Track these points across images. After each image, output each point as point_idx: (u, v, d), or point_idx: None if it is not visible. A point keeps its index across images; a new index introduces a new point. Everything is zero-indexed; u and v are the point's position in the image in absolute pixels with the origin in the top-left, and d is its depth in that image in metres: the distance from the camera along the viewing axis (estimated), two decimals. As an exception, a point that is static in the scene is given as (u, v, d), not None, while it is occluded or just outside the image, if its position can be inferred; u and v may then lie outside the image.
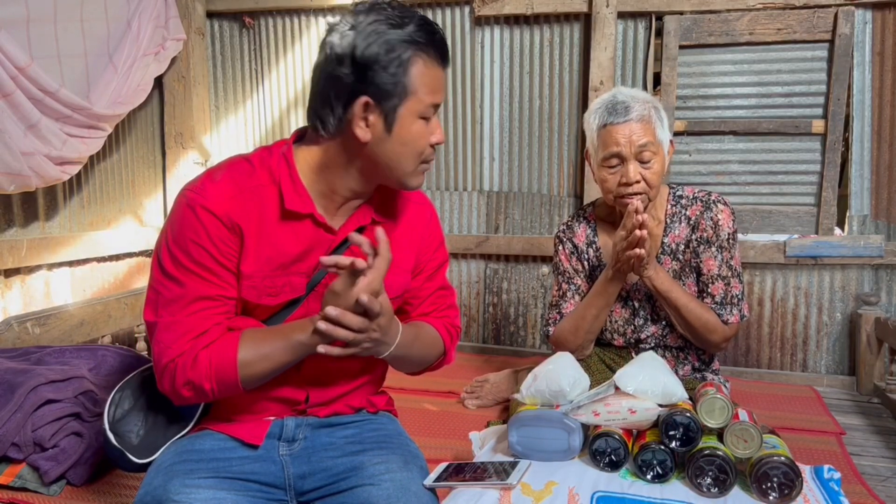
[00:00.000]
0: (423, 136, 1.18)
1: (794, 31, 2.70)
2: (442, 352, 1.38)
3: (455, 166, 3.14)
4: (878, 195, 2.70)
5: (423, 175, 1.23)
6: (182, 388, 1.13)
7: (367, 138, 1.16)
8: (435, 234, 1.39)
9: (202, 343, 1.13)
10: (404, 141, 1.17)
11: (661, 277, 1.76)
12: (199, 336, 1.13)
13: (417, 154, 1.19)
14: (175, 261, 1.14)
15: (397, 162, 1.18)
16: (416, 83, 1.14)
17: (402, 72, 1.13)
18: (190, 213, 1.13)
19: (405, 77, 1.13)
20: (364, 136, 1.15)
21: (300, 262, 1.21)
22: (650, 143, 1.71)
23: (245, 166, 1.20)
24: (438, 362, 1.40)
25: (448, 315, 1.42)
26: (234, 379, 1.13)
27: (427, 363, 1.37)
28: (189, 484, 1.11)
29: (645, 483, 1.27)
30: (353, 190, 1.22)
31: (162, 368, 1.13)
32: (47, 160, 2.29)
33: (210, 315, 1.14)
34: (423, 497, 1.17)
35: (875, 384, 2.57)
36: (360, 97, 1.13)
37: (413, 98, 1.15)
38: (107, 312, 2.60)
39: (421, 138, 1.18)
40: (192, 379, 1.12)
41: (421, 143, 1.18)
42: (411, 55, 1.13)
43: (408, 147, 1.17)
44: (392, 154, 1.17)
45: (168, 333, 1.13)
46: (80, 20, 2.47)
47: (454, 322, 1.43)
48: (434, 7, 3.06)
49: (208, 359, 1.11)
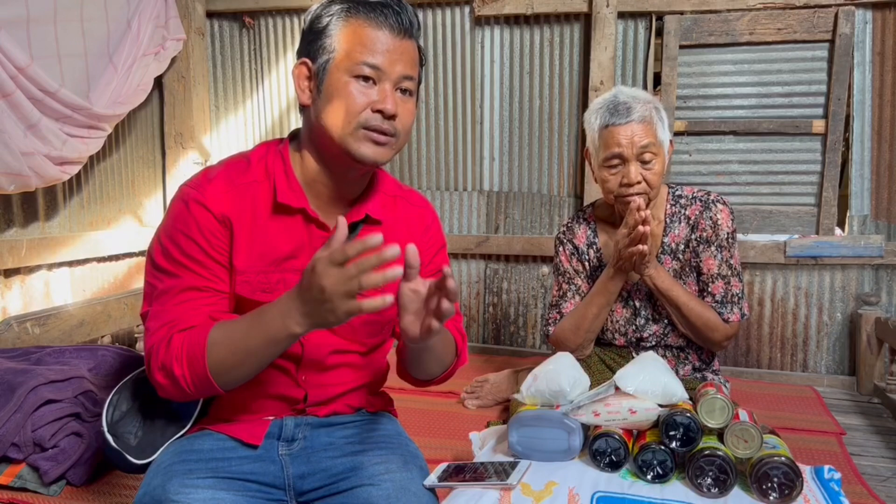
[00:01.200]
0: (357, 95, 1.13)
1: (794, 30, 2.70)
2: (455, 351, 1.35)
3: (455, 166, 3.14)
4: (879, 195, 2.70)
5: (374, 145, 1.15)
6: (157, 373, 1.11)
7: (307, 100, 1.18)
8: (436, 237, 1.37)
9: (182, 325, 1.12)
10: (331, 97, 1.14)
11: (662, 276, 1.77)
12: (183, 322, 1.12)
13: (351, 114, 1.14)
14: (166, 253, 1.15)
15: (329, 121, 1.15)
16: (347, 40, 1.14)
17: (333, 31, 1.15)
18: (183, 207, 1.15)
19: (335, 36, 1.15)
20: (304, 99, 1.18)
21: (294, 259, 1.21)
22: (651, 144, 1.71)
23: (241, 163, 1.22)
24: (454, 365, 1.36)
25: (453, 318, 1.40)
26: (203, 366, 1.07)
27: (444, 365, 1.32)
28: (188, 484, 1.10)
29: (645, 483, 1.27)
30: (325, 175, 1.21)
31: (147, 355, 1.13)
32: (47, 160, 2.29)
33: (198, 306, 1.14)
34: (422, 497, 1.16)
35: (875, 384, 2.57)
36: (299, 59, 1.19)
37: (342, 54, 1.14)
38: (106, 312, 2.60)
39: (350, 96, 1.13)
40: (164, 361, 1.09)
41: (352, 101, 1.13)
42: (342, 15, 1.15)
43: (336, 103, 1.14)
44: (323, 113, 1.15)
45: (155, 321, 1.13)
46: (80, 20, 2.47)
47: (458, 326, 1.40)
48: (434, 7, 3.06)
49: (181, 340, 1.09)
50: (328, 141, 1.17)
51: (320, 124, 1.16)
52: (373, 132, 1.15)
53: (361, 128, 1.14)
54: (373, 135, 1.15)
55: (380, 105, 1.14)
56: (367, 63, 1.14)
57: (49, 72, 2.27)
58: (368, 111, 1.14)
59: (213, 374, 1.08)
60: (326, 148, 1.19)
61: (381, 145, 1.17)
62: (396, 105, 1.16)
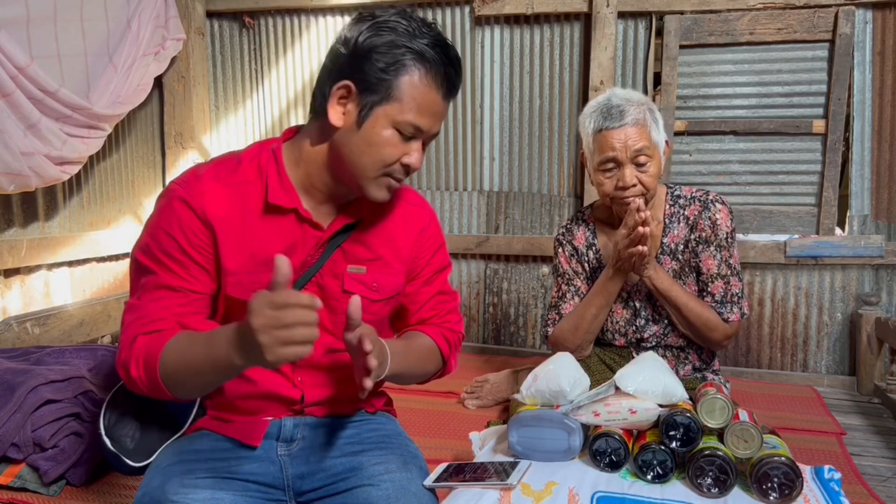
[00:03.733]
0: (393, 147, 1.14)
1: (794, 30, 2.70)
2: (440, 361, 1.35)
3: (455, 166, 3.14)
4: (879, 195, 2.70)
5: (388, 191, 1.19)
6: (119, 368, 1.12)
7: (339, 123, 1.15)
8: (433, 238, 1.36)
9: (150, 327, 1.12)
10: (370, 141, 1.14)
11: (661, 277, 1.76)
12: (152, 322, 1.12)
13: (381, 162, 1.14)
14: (146, 249, 1.16)
15: (358, 160, 1.14)
16: (404, 92, 1.12)
17: (393, 73, 1.11)
18: (167, 204, 1.16)
19: (395, 80, 1.11)
20: (336, 120, 1.14)
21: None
22: (646, 147, 1.71)
23: (231, 162, 1.21)
24: (438, 373, 1.37)
25: (448, 321, 1.38)
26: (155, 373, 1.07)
27: (425, 375, 1.33)
28: (187, 484, 1.10)
29: (645, 483, 1.27)
30: (327, 185, 1.21)
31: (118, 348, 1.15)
32: (47, 160, 2.30)
33: (169, 305, 1.14)
34: (422, 497, 1.16)
35: (875, 384, 2.56)
36: (345, 79, 1.13)
37: (395, 104, 1.12)
38: (106, 312, 2.61)
39: (389, 147, 1.14)
40: (125, 360, 1.11)
41: (388, 153, 1.14)
42: (410, 63, 1.11)
43: (372, 149, 1.13)
44: (356, 150, 1.14)
45: (128, 315, 1.14)
46: (80, 20, 2.47)
47: (454, 328, 1.39)
48: (434, 7, 3.06)
49: (142, 343, 1.10)
50: (349, 173, 1.17)
51: (347, 156, 1.15)
52: (392, 180, 1.18)
53: (385, 175, 1.17)
54: (392, 182, 1.18)
55: (408, 160, 1.16)
56: (415, 125, 1.14)
57: (49, 72, 2.27)
58: (397, 164, 1.16)
59: (165, 383, 1.08)
60: (341, 173, 1.18)
61: (392, 190, 1.20)
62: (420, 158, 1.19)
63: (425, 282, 1.36)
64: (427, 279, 1.36)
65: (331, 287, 1.24)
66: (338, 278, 1.23)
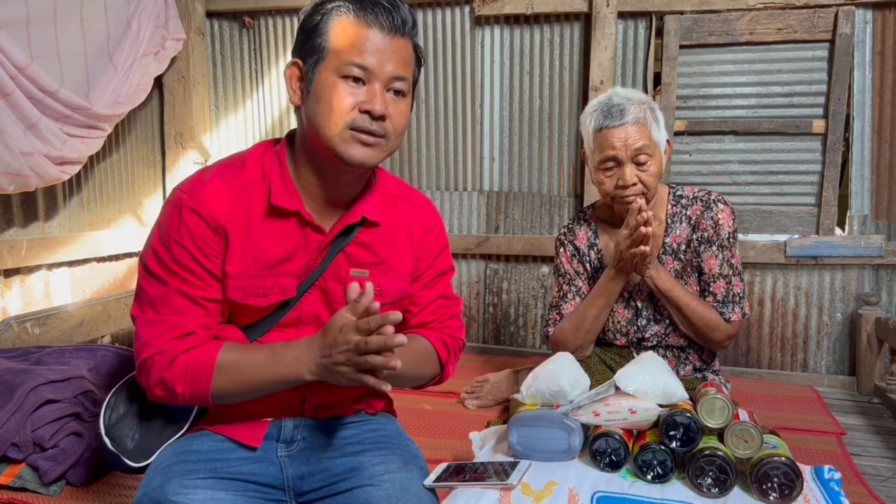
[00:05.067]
0: (344, 96, 1.11)
1: (794, 30, 2.70)
2: (438, 366, 1.33)
3: (455, 166, 3.14)
4: (879, 195, 2.70)
5: (362, 146, 1.13)
6: (155, 387, 1.13)
7: (297, 101, 1.17)
8: (437, 240, 1.34)
9: (182, 346, 1.12)
10: (319, 97, 1.12)
11: (663, 277, 1.76)
12: (178, 337, 1.13)
13: (338, 114, 1.11)
14: (158, 259, 1.15)
15: (319, 123, 1.13)
16: (336, 40, 1.12)
17: (323, 30, 1.13)
18: (175, 213, 1.14)
19: (326, 35, 1.13)
20: (295, 99, 1.17)
21: (288, 263, 1.19)
22: (646, 146, 1.71)
23: (236, 164, 1.20)
24: (436, 379, 1.35)
25: (449, 326, 1.36)
26: (205, 388, 1.11)
27: (421, 379, 1.32)
28: (187, 485, 1.10)
29: (645, 483, 1.27)
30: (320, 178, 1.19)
31: (140, 364, 1.14)
32: (47, 160, 2.29)
33: (191, 317, 1.14)
34: (423, 497, 1.16)
35: (875, 384, 2.56)
36: (291, 60, 1.17)
37: (331, 55, 1.12)
38: (106, 312, 2.60)
39: (338, 96, 1.11)
40: (165, 379, 1.11)
41: (340, 103, 1.11)
42: (334, 14, 1.13)
43: (322, 104, 1.12)
44: (312, 115, 1.14)
45: (148, 330, 1.13)
46: (80, 20, 2.47)
47: (455, 334, 1.36)
48: (434, 7, 3.06)
49: (185, 363, 1.11)
50: (317, 142, 1.15)
51: (310, 125, 1.15)
52: (360, 133, 1.13)
53: (349, 128, 1.12)
54: (360, 136, 1.12)
55: (367, 105, 1.11)
56: (354, 63, 1.11)
57: (49, 72, 2.26)
58: (356, 112, 1.12)
59: (215, 397, 1.13)
60: (317, 149, 1.17)
61: (370, 146, 1.14)
62: (386, 106, 1.13)
63: (426, 284, 1.34)
64: (428, 282, 1.34)
65: (334, 291, 1.23)
66: (341, 282, 1.22)
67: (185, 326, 1.13)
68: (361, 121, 1.12)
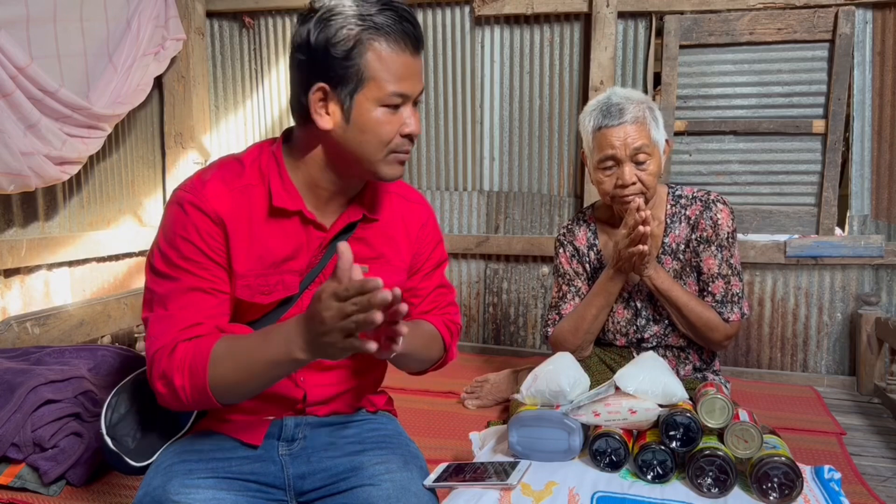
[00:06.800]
0: (387, 125, 1.14)
1: (794, 30, 2.70)
2: (442, 349, 1.37)
3: (455, 166, 3.14)
4: (879, 195, 2.70)
5: (400, 165, 1.18)
6: (157, 381, 1.10)
7: (328, 126, 1.14)
8: (433, 233, 1.38)
9: (187, 335, 1.11)
10: (364, 129, 1.13)
11: (662, 277, 1.77)
12: (185, 328, 1.11)
13: (382, 143, 1.14)
14: (165, 258, 1.14)
15: (361, 150, 1.15)
16: (375, 69, 1.11)
17: (357, 56, 1.10)
18: (179, 211, 1.14)
19: (361, 61, 1.10)
20: (323, 124, 1.14)
21: (292, 261, 1.20)
22: (645, 145, 1.72)
23: (235, 166, 1.20)
24: (441, 361, 1.39)
25: (448, 312, 1.41)
26: (203, 379, 1.06)
27: (429, 361, 1.35)
28: (188, 484, 1.10)
29: (645, 483, 1.27)
30: (334, 183, 1.21)
31: (149, 360, 1.13)
32: (47, 160, 2.29)
33: (201, 308, 1.13)
34: (423, 497, 1.16)
35: (875, 384, 2.56)
36: (316, 83, 1.12)
37: (371, 84, 1.11)
38: (106, 312, 2.60)
39: (383, 126, 1.13)
40: (165, 370, 1.09)
41: (385, 132, 1.14)
42: (367, 38, 1.10)
43: (368, 135, 1.13)
44: (354, 142, 1.14)
45: (157, 326, 1.13)
46: (79, 20, 2.47)
47: (454, 319, 1.41)
48: (434, 7, 3.06)
49: (184, 352, 1.09)
50: (356, 164, 1.17)
51: (347, 149, 1.15)
52: (400, 154, 1.17)
53: (391, 153, 1.16)
54: (400, 157, 1.18)
55: (408, 129, 1.16)
56: (397, 93, 1.13)
57: (49, 72, 2.27)
58: (398, 137, 1.16)
59: (213, 388, 1.08)
60: (349, 167, 1.19)
61: (404, 162, 1.20)
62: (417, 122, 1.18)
63: (426, 276, 1.37)
64: (427, 273, 1.38)
65: None
66: None
67: (193, 318, 1.12)
68: (403, 144, 1.17)
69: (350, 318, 0.94)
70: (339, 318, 0.94)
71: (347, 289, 0.93)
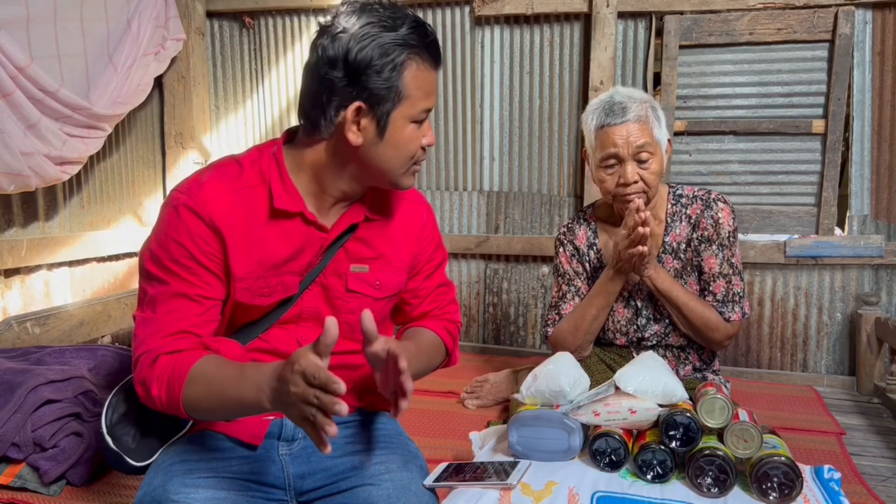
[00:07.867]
0: (415, 140, 1.18)
1: (794, 31, 2.70)
2: (444, 354, 1.39)
3: (455, 166, 3.14)
4: (879, 195, 2.70)
5: (415, 175, 1.23)
6: (138, 385, 1.12)
7: (359, 143, 1.15)
8: (433, 234, 1.38)
9: (169, 346, 1.11)
10: (396, 145, 1.16)
11: (662, 277, 1.77)
12: (169, 335, 1.12)
13: (409, 157, 1.19)
14: (156, 259, 1.15)
15: (388, 165, 1.18)
16: (410, 87, 1.13)
17: (395, 76, 1.12)
18: (173, 213, 1.15)
19: (399, 81, 1.12)
20: (356, 141, 1.15)
21: (292, 262, 1.21)
22: (647, 144, 1.72)
23: (234, 167, 1.20)
24: (443, 365, 1.40)
25: (448, 311, 1.42)
26: (177, 396, 1.07)
27: (432, 370, 1.37)
28: (188, 484, 1.11)
29: (645, 483, 1.27)
30: (343, 191, 1.22)
31: (134, 361, 1.14)
32: (47, 160, 2.29)
33: (186, 315, 1.14)
34: (423, 497, 1.17)
35: (875, 384, 2.56)
36: (354, 102, 1.12)
37: (406, 102, 1.14)
38: (106, 312, 2.61)
39: (412, 142, 1.18)
40: (145, 378, 1.10)
41: (412, 147, 1.18)
42: (405, 59, 1.12)
43: (399, 151, 1.17)
44: (384, 158, 1.17)
45: (143, 329, 1.14)
46: (79, 20, 2.47)
47: (454, 318, 1.42)
48: (434, 7, 3.06)
49: (164, 365, 1.09)
50: (377, 176, 1.20)
51: (377, 165, 1.17)
52: (417, 164, 1.21)
53: (413, 164, 1.20)
54: (417, 167, 1.22)
55: (427, 141, 1.20)
56: (426, 109, 1.17)
57: (49, 72, 2.26)
58: (419, 149, 1.20)
59: (186, 406, 1.09)
60: (372, 179, 1.21)
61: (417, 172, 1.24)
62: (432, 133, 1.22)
63: (427, 276, 1.38)
64: (428, 274, 1.38)
65: (334, 287, 1.24)
66: (341, 278, 1.24)
67: (178, 325, 1.13)
68: (421, 156, 1.21)
69: (310, 405, 0.93)
70: (300, 400, 0.93)
71: (315, 377, 0.91)
